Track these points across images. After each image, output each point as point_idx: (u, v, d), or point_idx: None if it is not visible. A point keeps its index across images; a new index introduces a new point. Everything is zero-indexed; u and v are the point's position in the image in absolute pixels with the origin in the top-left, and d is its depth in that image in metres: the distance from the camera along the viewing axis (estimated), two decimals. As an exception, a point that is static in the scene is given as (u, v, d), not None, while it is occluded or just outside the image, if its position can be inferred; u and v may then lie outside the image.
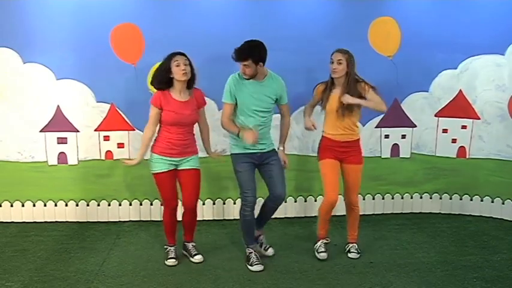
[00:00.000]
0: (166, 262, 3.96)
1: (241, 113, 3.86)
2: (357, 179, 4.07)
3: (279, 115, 4.72)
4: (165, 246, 4.07)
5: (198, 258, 4.02)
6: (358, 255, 4.11)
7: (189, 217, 4.01)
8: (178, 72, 3.68)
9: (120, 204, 4.94)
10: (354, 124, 3.97)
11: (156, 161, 3.83)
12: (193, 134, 3.95)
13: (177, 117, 3.75)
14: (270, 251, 4.15)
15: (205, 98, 4.00)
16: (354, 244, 4.19)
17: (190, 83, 3.80)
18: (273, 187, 3.91)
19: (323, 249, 4.09)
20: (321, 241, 4.14)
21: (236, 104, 3.86)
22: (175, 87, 3.77)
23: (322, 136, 4.08)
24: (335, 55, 3.88)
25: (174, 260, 3.96)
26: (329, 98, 3.95)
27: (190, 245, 4.10)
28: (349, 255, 4.12)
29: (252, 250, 3.96)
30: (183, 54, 3.76)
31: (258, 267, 3.86)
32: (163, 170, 3.82)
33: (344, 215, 4.19)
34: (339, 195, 4.01)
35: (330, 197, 3.96)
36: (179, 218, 4.04)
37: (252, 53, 3.68)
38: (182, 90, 3.79)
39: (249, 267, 3.89)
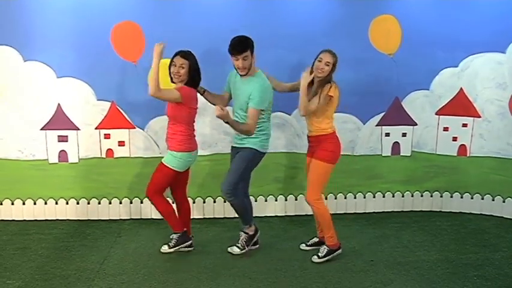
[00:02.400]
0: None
1: (233, 108, 4.02)
2: (314, 175, 3.95)
3: (279, 113, 4.76)
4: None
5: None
6: (318, 259, 3.97)
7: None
8: (173, 74, 3.85)
9: (120, 202, 4.94)
10: (317, 120, 3.92)
11: (186, 158, 3.95)
12: (178, 134, 3.92)
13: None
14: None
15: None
16: (321, 247, 4.06)
17: (188, 83, 3.86)
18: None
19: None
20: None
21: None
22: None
23: None
24: (324, 55, 3.83)
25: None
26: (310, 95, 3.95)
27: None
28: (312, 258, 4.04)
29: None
30: (185, 55, 3.83)
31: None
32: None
33: (343, 213, 4.18)
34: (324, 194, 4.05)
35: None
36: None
37: (249, 43, 3.75)
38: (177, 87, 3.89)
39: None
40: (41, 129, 4.73)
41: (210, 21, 4.61)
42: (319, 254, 4.00)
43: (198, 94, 4.00)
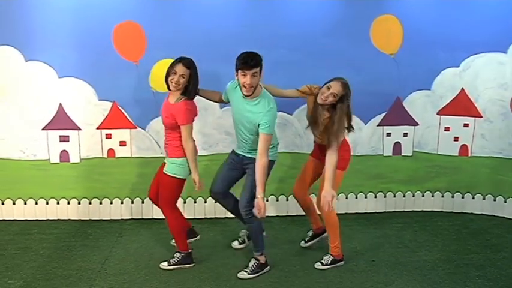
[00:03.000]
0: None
1: (232, 117, 3.79)
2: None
3: (280, 113, 4.74)
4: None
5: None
6: (322, 266, 3.94)
7: None
8: (171, 81, 3.61)
9: (122, 202, 4.95)
10: None
11: (187, 163, 3.77)
12: (174, 140, 3.73)
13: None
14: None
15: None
16: (325, 255, 4.02)
17: (185, 91, 3.66)
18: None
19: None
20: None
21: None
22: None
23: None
24: (335, 85, 3.63)
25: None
26: (315, 116, 3.81)
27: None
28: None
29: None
30: (188, 64, 3.61)
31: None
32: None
33: (344, 213, 4.16)
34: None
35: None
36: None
37: (260, 59, 3.46)
38: (174, 94, 3.68)
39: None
40: (43, 129, 4.73)
41: (210, 21, 4.61)
42: (323, 262, 3.95)
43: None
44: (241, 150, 3.82)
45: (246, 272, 3.79)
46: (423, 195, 5.30)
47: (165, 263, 3.89)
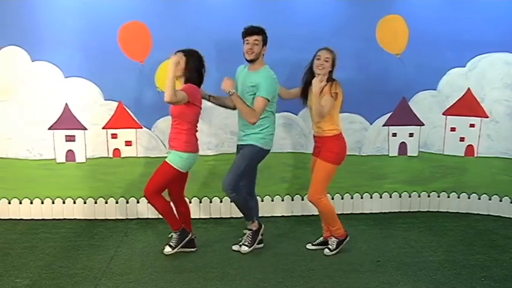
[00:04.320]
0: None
1: None
2: (318, 175, 4.00)
3: (286, 113, 4.76)
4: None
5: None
6: (330, 252, 4.10)
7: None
8: None
9: (127, 202, 4.96)
10: (322, 121, 3.93)
11: (191, 159, 3.93)
12: (182, 134, 3.88)
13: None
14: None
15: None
16: (329, 239, 4.18)
17: (188, 81, 3.85)
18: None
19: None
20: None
21: None
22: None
23: None
24: (322, 53, 3.89)
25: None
26: (309, 94, 3.99)
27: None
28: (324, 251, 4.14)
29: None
30: (184, 51, 3.83)
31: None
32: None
33: (349, 213, 4.17)
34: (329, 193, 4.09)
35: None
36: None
37: (263, 30, 3.86)
38: (179, 82, 3.87)
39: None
40: (49, 128, 4.75)
41: (216, 21, 4.62)
42: (330, 247, 4.10)
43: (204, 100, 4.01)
44: (239, 138, 4.05)
45: (246, 246, 4.07)
46: (429, 196, 5.29)
47: (168, 248, 4.04)
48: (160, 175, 3.92)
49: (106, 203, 4.94)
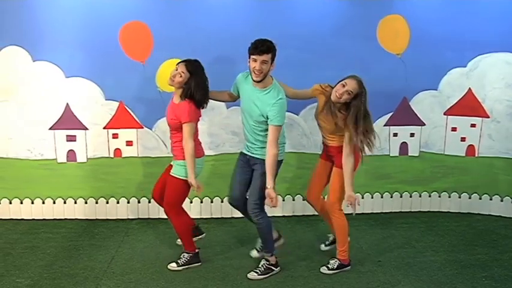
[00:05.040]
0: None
1: (241, 111, 3.74)
2: (337, 183, 3.82)
3: (287, 113, 4.76)
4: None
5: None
6: (328, 271, 3.85)
7: None
8: (170, 74, 3.66)
9: (128, 202, 4.96)
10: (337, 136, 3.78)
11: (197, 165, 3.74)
12: (180, 142, 3.71)
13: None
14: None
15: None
16: (332, 260, 3.94)
17: (184, 92, 3.64)
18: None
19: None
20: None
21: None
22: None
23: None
24: (350, 82, 3.53)
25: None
26: (324, 115, 3.73)
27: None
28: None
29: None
30: (189, 65, 3.62)
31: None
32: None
33: (350, 213, 4.11)
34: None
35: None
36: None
37: (273, 47, 3.44)
38: (177, 92, 3.71)
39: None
40: (50, 128, 4.75)
41: (218, 21, 4.62)
42: (329, 266, 3.86)
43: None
44: (247, 150, 3.76)
45: (256, 272, 3.76)
46: (430, 196, 5.29)
47: (174, 264, 3.87)
48: (172, 191, 3.76)
49: (107, 203, 4.94)
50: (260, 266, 3.80)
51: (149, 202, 4.95)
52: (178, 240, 4.08)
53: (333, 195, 3.83)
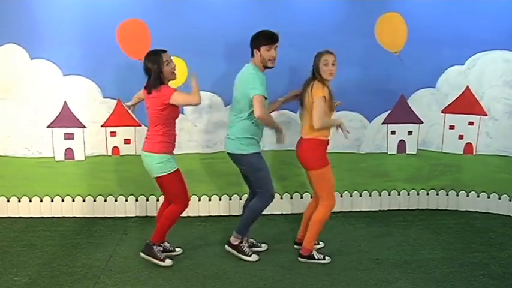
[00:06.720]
0: (165, 264, 3.87)
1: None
2: (317, 186, 3.94)
3: (284, 111, 4.75)
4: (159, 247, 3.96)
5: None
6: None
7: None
8: (172, 69, 3.74)
9: (126, 200, 4.96)
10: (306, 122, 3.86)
11: (168, 160, 3.71)
12: (156, 135, 3.75)
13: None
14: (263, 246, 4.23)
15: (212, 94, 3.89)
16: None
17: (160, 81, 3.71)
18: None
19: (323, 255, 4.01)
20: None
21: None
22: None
23: (318, 139, 3.80)
24: (330, 56, 3.70)
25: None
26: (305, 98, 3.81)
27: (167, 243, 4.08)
28: None
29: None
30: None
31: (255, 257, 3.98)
32: (177, 167, 3.77)
33: (348, 211, 4.14)
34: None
35: (335, 201, 3.93)
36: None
37: None
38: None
39: (247, 258, 3.97)
40: (48, 126, 4.75)
41: (216, 19, 4.61)
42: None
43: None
44: (227, 147, 3.89)
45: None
46: (428, 194, 5.30)
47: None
48: (167, 187, 3.81)
49: (105, 201, 4.94)
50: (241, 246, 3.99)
51: (147, 200, 4.96)
52: (178, 248, 4.12)
53: (322, 198, 3.89)
